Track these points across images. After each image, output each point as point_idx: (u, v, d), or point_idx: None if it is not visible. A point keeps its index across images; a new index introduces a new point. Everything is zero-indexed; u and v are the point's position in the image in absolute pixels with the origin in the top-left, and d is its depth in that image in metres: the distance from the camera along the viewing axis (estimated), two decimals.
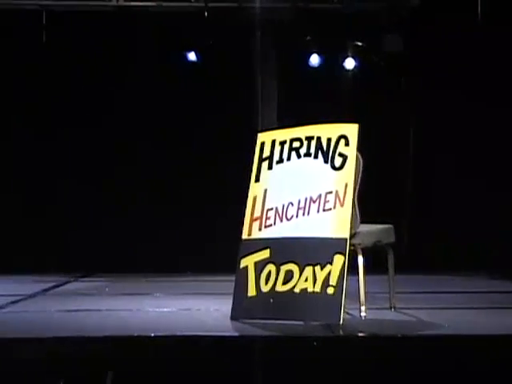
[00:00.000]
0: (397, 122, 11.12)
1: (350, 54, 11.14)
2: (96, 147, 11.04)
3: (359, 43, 11.13)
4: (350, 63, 11.16)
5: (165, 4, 11.06)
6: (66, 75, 11.00)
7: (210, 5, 10.90)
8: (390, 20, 10.90)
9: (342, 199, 6.77)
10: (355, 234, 6.88)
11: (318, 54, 11.11)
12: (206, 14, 10.87)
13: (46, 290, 8.89)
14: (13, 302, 7.83)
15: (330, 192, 6.81)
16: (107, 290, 9.11)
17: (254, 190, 7.11)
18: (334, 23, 10.90)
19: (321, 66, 11.15)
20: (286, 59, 11.17)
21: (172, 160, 11.04)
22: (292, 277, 6.75)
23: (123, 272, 10.36)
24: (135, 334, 6.13)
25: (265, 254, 6.90)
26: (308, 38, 11.06)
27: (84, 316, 7.23)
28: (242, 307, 6.89)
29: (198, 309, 7.56)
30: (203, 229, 10.87)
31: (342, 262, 6.59)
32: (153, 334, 6.06)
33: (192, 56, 11.06)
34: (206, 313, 7.39)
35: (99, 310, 7.51)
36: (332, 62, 11.16)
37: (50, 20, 11.07)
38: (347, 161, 6.86)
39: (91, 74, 10.97)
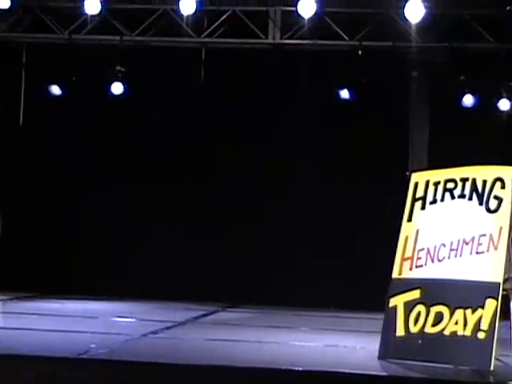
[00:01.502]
0: None
1: (504, 95, 10.97)
2: (248, 183, 11.29)
3: None
4: (504, 104, 10.99)
5: (319, 42, 11.22)
6: (223, 109, 11.35)
7: (364, 43, 10.98)
8: None
9: (495, 242, 6.67)
10: (508, 278, 6.75)
11: (472, 95, 11.00)
12: (359, 52, 10.95)
13: (196, 318, 9.13)
14: (166, 328, 8.09)
15: (484, 235, 6.73)
16: None
17: (406, 229, 7.10)
18: (489, 63, 10.78)
19: (474, 106, 11.03)
20: (438, 99, 11.12)
21: (324, 198, 11.14)
22: (442, 319, 6.69)
23: (267, 304, 10.54)
24: (283, 368, 6.20)
25: (415, 294, 6.87)
26: (462, 78, 10.96)
27: (232, 346, 7.38)
28: (390, 347, 6.87)
29: (344, 345, 7.58)
30: (349, 266, 10.89)
31: (493, 306, 6.49)
32: (301, 369, 6.11)
33: (344, 94, 11.16)
34: (352, 350, 7.40)
35: (247, 341, 7.64)
36: (486, 102, 11.02)
37: (209, 57, 11.46)
38: (502, 204, 6.76)
39: (246, 108, 11.27)
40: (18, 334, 7.38)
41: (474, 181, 6.93)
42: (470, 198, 6.91)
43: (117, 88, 11.32)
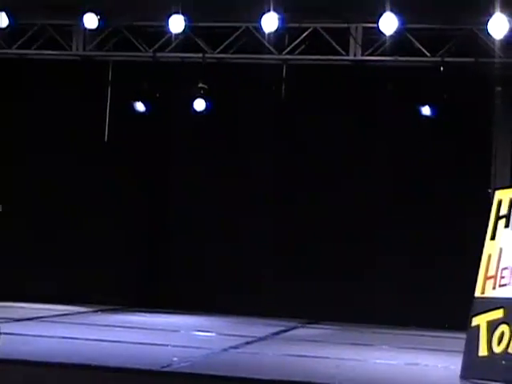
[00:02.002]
0: None
1: None
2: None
3: None
4: None
5: (401, 58, 11.18)
6: (304, 125, 11.41)
7: (446, 59, 10.89)
8: None
9: None
10: None
11: None
12: (441, 68, 10.87)
13: (275, 334, 9.17)
14: (246, 343, 8.15)
15: None
16: None
17: (489, 247, 7.02)
18: None
19: None
20: None
21: (405, 216, 11.07)
22: None
23: (347, 321, 10.53)
24: None
25: (498, 313, 6.78)
26: None
27: (313, 362, 7.39)
28: (472, 366, 6.78)
29: (425, 364, 7.52)
30: (430, 284, 10.79)
31: None
32: None
33: (426, 110, 11.08)
34: (433, 369, 7.33)
35: (327, 358, 7.64)
36: None
37: (290, 74, 11.54)
38: None
39: (327, 124, 11.30)
40: (103, 346, 7.53)
41: None
42: None
43: (199, 104, 11.49)
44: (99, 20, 11.09)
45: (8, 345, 6.96)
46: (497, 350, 6.68)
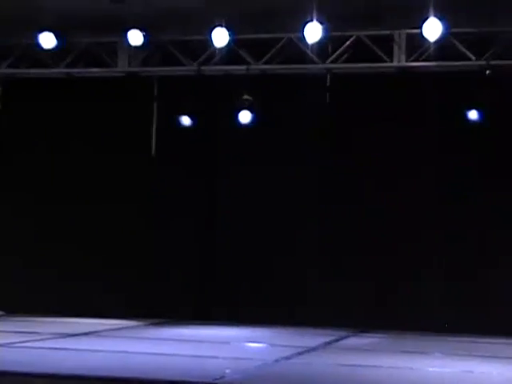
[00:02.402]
0: None
1: None
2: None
3: None
4: None
5: (445, 63, 11.11)
6: (350, 133, 11.40)
7: (492, 63, 10.80)
8: None
9: None
10: None
11: None
12: (487, 72, 10.78)
13: (327, 344, 9.14)
14: (298, 354, 8.14)
15: None
16: None
17: None
18: None
19: None
20: None
21: (454, 221, 10.98)
22: None
23: (398, 329, 10.47)
24: None
25: None
26: None
27: (365, 371, 7.35)
28: None
29: (480, 372, 7.43)
30: (484, 289, 10.68)
31: None
32: None
33: (472, 115, 10.98)
34: (489, 376, 7.25)
35: (380, 367, 7.60)
36: None
37: (334, 82, 11.54)
38: None
39: (373, 132, 11.27)
40: (155, 359, 7.58)
41: None
42: None
43: (245, 116, 11.54)
44: (143, 36, 11.22)
45: (62, 360, 7.05)
46: None
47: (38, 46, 11.53)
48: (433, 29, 10.48)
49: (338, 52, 11.37)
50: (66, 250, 11.82)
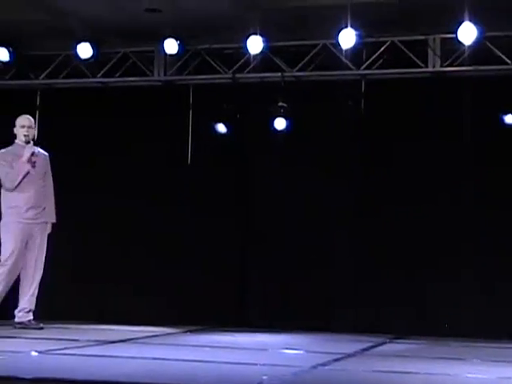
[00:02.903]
0: None
1: None
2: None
3: None
4: None
5: (481, 67, 11.08)
6: (384, 139, 11.39)
7: None
8: None
9: None
10: None
11: None
12: None
13: (364, 350, 9.12)
14: (335, 360, 8.13)
15: None
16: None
17: None
18: None
19: None
20: None
21: (499, 234, 10.94)
22: None
23: (435, 335, 10.44)
24: None
25: None
26: None
27: (402, 378, 7.33)
28: None
29: None
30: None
31: None
32: None
33: (509, 119, 10.92)
34: None
35: (417, 373, 7.57)
36: None
37: (369, 88, 11.54)
38: None
39: (408, 137, 11.26)
40: (193, 366, 7.63)
41: None
42: None
43: (280, 123, 11.58)
44: (179, 45, 11.33)
45: (102, 367, 7.13)
46: None
47: (76, 56, 11.72)
48: (468, 33, 10.46)
49: (372, 58, 11.39)
50: (102, 256, 11.92)
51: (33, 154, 10.19)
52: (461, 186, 11.12)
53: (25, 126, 10.22)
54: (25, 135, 10.19)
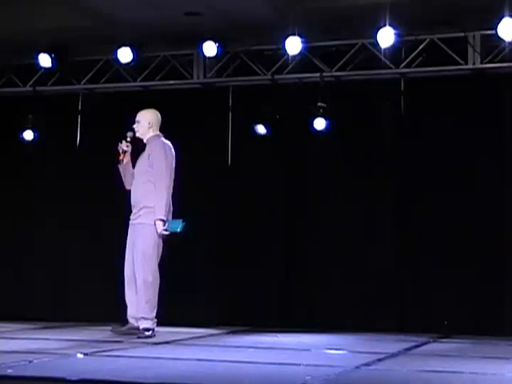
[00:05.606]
0: None
1: None
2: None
3: None
4: None
5: None
6: (426, 137, 11.33)
7: None
8: None
9: None
10: None
11: None
12: None
13: (408, 350, 9.09)
14: (378, 360, 8.12)
15: None
16: None
17: None
18: None
19: None
20: None
21: None
22: None
23: (480, 334, 10.36)
24: None
25: None
26: None
27: (447, 377, 7.30)
28: None
29: None
30: None
31: None
32: None
33: None
34: None
35: (462, 373, 7.53)
36: None
37: (408, 87, 11.49)
38: None
39: (449, 135, 11.20)
40: (237, 367, 7.67)
41: None
42: None
43: (319, 124, 11.58)
44: (217, 47, 11.38)
45: (146, 368, 7.20)
46: None
47: (116, 61, 11.84)
48: (508, 29, 10.37)
49: (411, 56, 11.34)
50: None
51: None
52: (504, 182, 11.01)
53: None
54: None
